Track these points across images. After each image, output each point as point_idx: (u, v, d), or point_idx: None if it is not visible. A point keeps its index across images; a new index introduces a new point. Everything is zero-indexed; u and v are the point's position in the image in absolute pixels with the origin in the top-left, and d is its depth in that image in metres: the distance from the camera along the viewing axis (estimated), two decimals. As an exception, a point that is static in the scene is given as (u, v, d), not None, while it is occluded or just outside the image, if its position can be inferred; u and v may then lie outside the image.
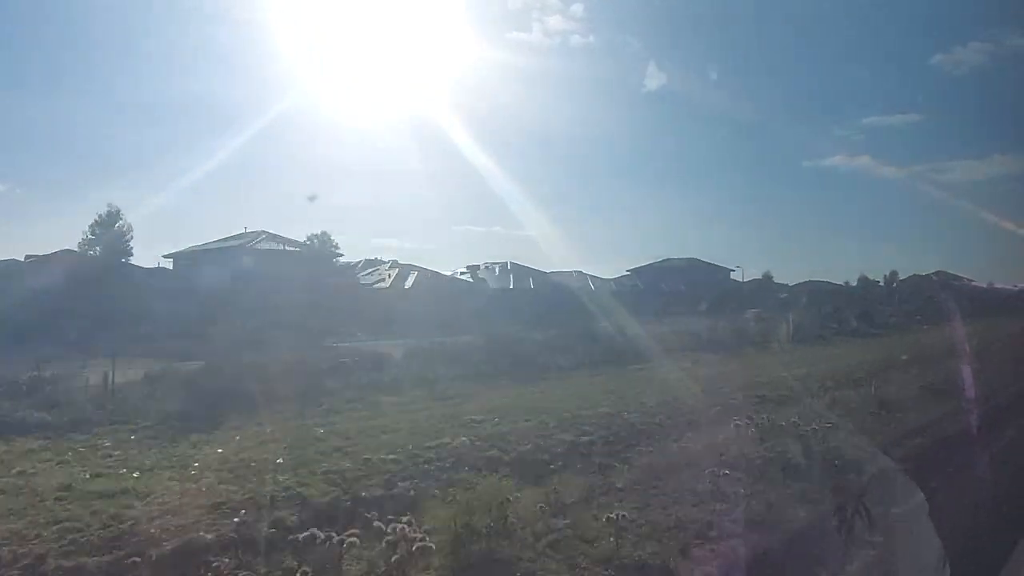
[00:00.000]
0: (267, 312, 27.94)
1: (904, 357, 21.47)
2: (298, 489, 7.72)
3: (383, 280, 51.26)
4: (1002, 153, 79.10)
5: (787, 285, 70.92)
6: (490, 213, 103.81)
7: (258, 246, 44.14)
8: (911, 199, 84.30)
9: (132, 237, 41.72)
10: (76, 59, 63.07)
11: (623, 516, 6.44)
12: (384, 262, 56.32)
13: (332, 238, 50.41)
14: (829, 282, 72.35)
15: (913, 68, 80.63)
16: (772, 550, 6.33)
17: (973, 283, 71.45)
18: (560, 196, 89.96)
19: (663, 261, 69.96)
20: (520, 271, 57.88)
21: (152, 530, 6.40)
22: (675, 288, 63.92)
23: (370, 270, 54.67)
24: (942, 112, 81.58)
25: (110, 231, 41.35)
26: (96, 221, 41.35)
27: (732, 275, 71.59)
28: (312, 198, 66.79)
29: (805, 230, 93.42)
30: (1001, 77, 75.37)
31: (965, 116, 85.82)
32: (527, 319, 30.63)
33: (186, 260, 45.02)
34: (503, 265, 59.08)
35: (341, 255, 50.46)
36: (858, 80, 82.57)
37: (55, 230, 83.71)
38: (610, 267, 68.86)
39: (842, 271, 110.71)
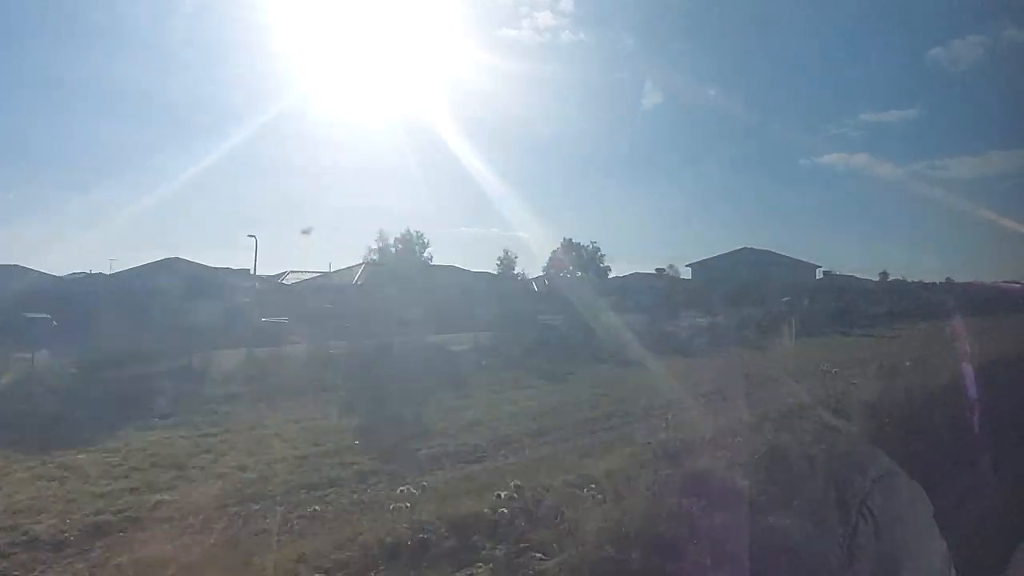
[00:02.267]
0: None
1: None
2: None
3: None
4: (1001, 149, 77.40)
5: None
6: (489, 214, 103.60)
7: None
8: (908, 196, 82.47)
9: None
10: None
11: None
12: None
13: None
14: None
15: (910, 63, 79.28)
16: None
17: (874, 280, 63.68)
18: (557, 195, 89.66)
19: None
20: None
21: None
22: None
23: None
24: (940, 108, 79.72)
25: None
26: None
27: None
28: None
29: (804, 230, 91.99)
30: (999, 72, 73.82)
31: (963, 112, 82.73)
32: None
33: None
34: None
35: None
36: (855, 75, 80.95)
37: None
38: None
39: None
